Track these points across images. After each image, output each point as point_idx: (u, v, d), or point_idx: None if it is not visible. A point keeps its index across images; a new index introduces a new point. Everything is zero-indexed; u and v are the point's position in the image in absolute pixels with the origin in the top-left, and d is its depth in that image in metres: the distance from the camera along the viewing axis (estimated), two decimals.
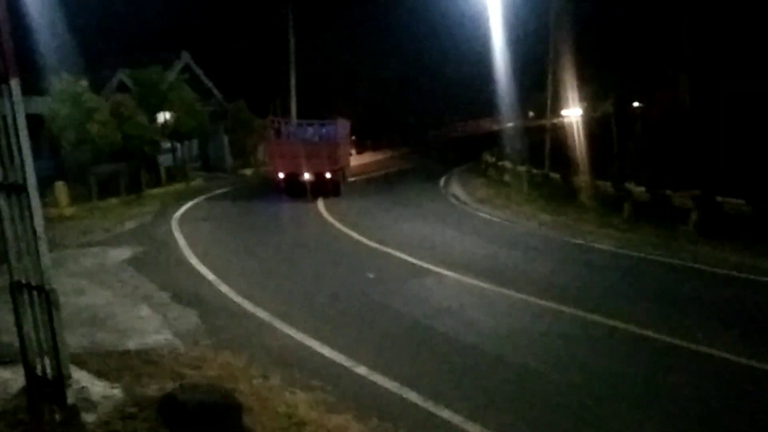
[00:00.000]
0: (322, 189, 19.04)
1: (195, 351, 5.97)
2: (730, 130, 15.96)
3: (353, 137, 26.23)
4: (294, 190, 18.99)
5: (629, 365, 5.87)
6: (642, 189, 14.20)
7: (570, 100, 21.96)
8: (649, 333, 6.62)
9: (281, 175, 19.27)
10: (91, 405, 4.30)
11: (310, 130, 21.12)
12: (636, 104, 23.68)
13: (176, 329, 6.67)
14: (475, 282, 8.71)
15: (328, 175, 19.12)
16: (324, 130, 20.85)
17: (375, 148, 40.90)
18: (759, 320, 7.41)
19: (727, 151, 15.20)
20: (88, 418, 4.10)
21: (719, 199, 12.17)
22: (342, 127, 21.63)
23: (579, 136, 20.05)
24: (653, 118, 19.01)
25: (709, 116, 17.02)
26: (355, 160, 30.03)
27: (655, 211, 13.46)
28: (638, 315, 7.25)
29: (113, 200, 17.53)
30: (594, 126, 23.17)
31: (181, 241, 11.84)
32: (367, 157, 36.66)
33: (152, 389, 4.73)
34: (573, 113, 23.27)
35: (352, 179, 22.81)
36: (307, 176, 18.99)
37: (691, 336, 6.51)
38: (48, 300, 3.77)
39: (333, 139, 20.42)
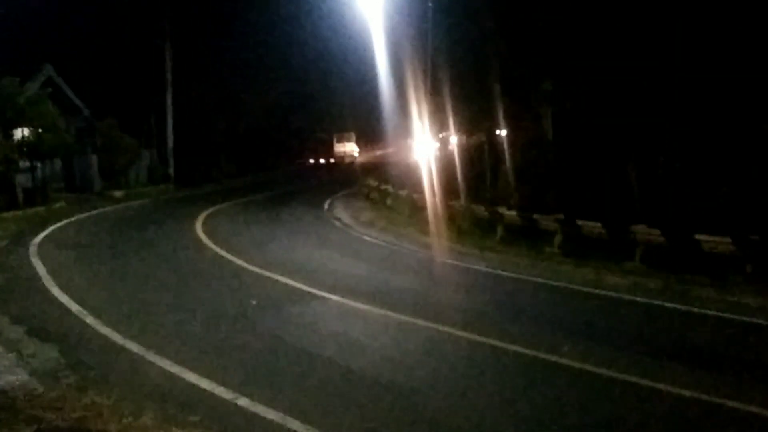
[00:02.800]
0: (329, 168, 42.98)
1: (55, 391, 5.44)
2: (588, 159, 17.49)
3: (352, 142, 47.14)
4: (317, 167, 43.59)
5: (499, 377, 6.21)
6: (513, 213, 15.16)
7: (446, 128, 23.01)
8: (517, 348, 6.98)
9: (311, 161, 46.91)
10: None
11: (323, 138, 45.93)
12: (504, 133, 25.19)
13: (33, 368, 6.06)
14: (358, 305, 8.78)
15: (332, 160, 45.37)
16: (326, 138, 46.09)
17: (258, 170, 40.05)
18: (603, 329, 8.16)
19: (586, 178, 16.63)
20: None
21: (579, 222, 13.32)
22: (338, 136, 46.53)
23: (454, 162, 21.03)
24: (521, 146, 20.41)
25: (569, 146, 18.58)
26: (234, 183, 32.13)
27: (525, 233, 14.44)
28: (508, 330, 7.67)
29: None
30: (469, 153, 24.43)
31: (41, 270, 10.82)
32: (249, 179, 35.90)
33: None
34: (449, 141, 24.39)
35: (225, 204, 23.05)
36: (321, 161, 46.06)
37: (537, 344, 7.01)
38: None
39: (330, 143, 46.17)
